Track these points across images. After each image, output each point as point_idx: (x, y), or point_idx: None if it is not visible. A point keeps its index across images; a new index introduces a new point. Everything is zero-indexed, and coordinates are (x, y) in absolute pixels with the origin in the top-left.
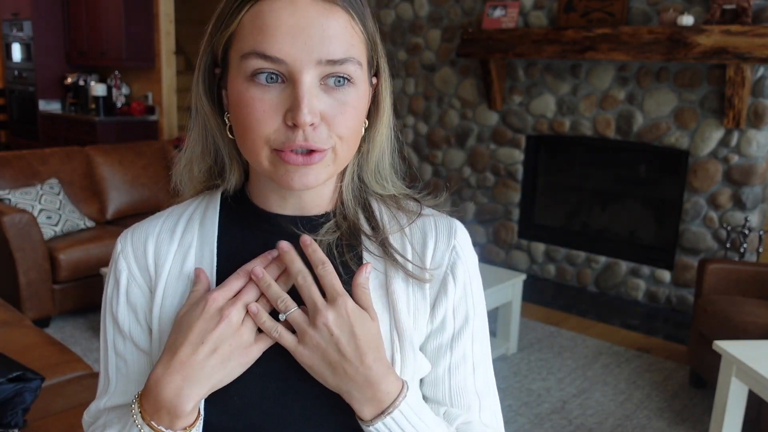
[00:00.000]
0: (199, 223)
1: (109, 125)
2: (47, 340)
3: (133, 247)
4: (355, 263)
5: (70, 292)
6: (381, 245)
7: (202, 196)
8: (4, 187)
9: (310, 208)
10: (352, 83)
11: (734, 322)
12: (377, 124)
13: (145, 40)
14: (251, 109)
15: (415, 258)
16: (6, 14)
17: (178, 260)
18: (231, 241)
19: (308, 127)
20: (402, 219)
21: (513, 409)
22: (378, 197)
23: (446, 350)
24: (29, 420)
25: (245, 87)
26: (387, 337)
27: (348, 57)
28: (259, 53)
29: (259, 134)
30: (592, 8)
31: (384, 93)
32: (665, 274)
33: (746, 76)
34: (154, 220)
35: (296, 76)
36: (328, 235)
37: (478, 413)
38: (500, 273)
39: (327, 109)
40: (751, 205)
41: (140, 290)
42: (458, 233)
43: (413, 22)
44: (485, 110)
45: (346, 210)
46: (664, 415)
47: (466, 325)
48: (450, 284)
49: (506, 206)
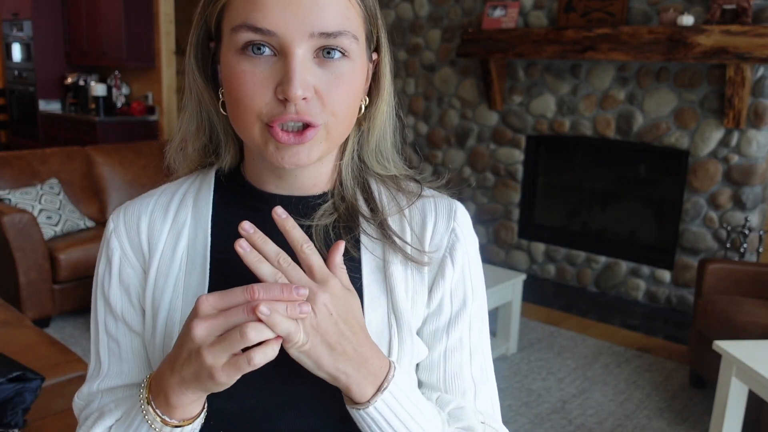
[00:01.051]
0: (193, 201)
1: (109, 125)
2: (47, 340)
3: (125, 226)
4: (352, 245)
5: (70, 292)
6: (379, 227)
7: (195, 174)
8: (4, 187)
9: (307, 188)
10: (347, 57)
11: (734, 322)
12: (377, 102)
13: (145, 40)
14: (242, 83)
15: (414, 240)
16: (6, 14)
17: (172, 239)
18: (225, 221)
19: (300, 101)
20: (402, 200)
21: (513, 409)
22: (377, 178)
23: (442, 334)
24: (29, 420)
25: (236, 60)
26: (384, 322)
27: (342, 30)
28: (249, 26)
29: (250, 108)
30: (592, 8)
31: (384, 69)
32: (665, 274)
33: (746, 76)
34: (146, 198)
35: (288, 48)
36: (324, 218)
37: (473, 399)
38: (500, 273)
39: (320, 82)
40: (751, 205)
41: (133, 270)
42: (458, 215)
43: (413, 22)
44: (485, 110)
45: (344, 190)
46: (664, 415)
47: (464, 309)
48: (448, 267)
49: (506, 206)
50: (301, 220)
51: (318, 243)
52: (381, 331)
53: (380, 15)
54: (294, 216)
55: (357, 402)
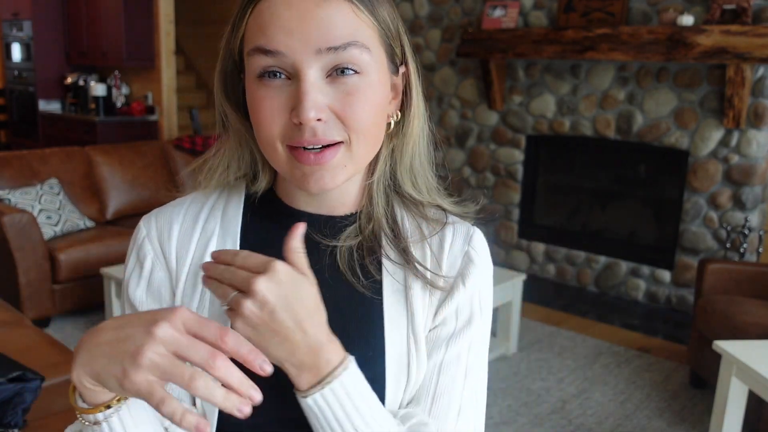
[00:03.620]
0: (222, 212)
1: (109, 125)
2: (47, 340)
3: (158, 231)
4: (375, 267)
5: (70, 292)
6: (402, 252)
7: (222, 186)
8: (4, 187)
9: (335, 207)
10: (359, 72)
11: (734, 322)
12: (408, 116)
13: (145, 40)
14: (261, 109)
15: (433, 263)
16: (6, 14)
17: (201, 248)
18: (255, 235)
19: (314, 123)
20: (425, 228)
21: (513, 409)
22: (402, 203)
23: (442, 345)
24: (29, 420)
25: (255, 87)
26: (404, 343)
27: (350, 41)
28: (260, 48)
29: (270, 133)
30: (592, 8)
31: (414, 83)
32: (665, 274)
33: (746, 76)
34: (177, 206)
35: (299, 70)
36: (349, 240)
37: (454, 420)
38: (500, 273)
39: (333, 101)
40: (751, 205)
41: (165, 275)
42: (474, 240)
43: (413, 22)
44: (485, 110)
45: (373, 209)
46: (664, 415)
47: (468, 327)
48: (458, 288)
49: (506, 206)
50: (327, 240)
51: (342, 263)
52: (401, 353)
53: (403, 28)
54: (320, 235)
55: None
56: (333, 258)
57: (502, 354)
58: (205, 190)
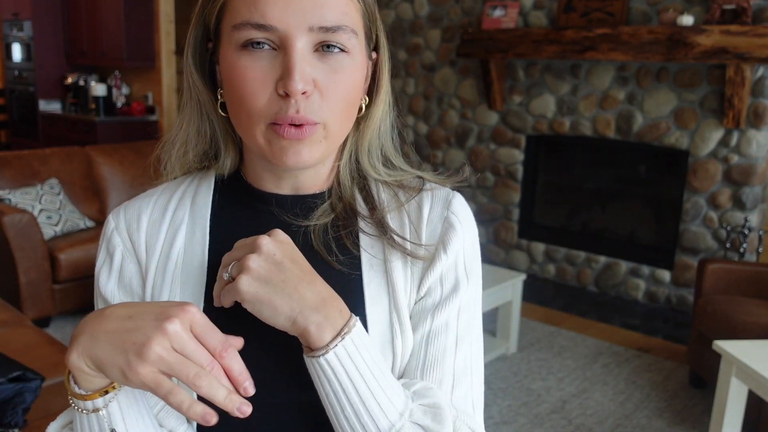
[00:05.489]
0: (191, 201)
1: (109, 125)
2: (47, 340)
3: (126, 224)
4: (352, 243)
5: (70, 292)
6: (378, 225)
7: (194, 174)
8: (4, 187)
9: (306, 188)
10: (346, 52)
11: (734, 322)
12: (376, 101)
13: (145, 40)
14: (243, 79)
15: (412, 233)
16: (6, 14)
17: (169, 238)
18: (224, 221)
19: (300, 96)
20: (402, 196)
21: (513, 409)
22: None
23: (428, 315)
24: (29, 420)
25: (237, 57)
26: (386, 320)
27: (342, 24)
28: (252, 23)
29: (253, 106)
30: (592, 8)
31: (383, 68)
32: (665, 274)
33: (746, 76)
34: (146, 198)
35: (288, 42)
36: (322, 218)
37: (449, 392)
38: (500, 273)
39: (320, 76)
40: (751, 205)
41: (135, 267)
42: (453, 204)
43: (413, 22)
44: (485, 110)
45: (342, 190)
46: (664, 415)
47: (454, 294)
48: (440, 256)
49: (506, 206)
50: (299, 220)
51: (317, 242)
52: (383, 329)
53: (378, 14)
54: (292, 215)
55: (315, 348)
56: (307, 237)
57: (501, 354)
58: (171, 176)
